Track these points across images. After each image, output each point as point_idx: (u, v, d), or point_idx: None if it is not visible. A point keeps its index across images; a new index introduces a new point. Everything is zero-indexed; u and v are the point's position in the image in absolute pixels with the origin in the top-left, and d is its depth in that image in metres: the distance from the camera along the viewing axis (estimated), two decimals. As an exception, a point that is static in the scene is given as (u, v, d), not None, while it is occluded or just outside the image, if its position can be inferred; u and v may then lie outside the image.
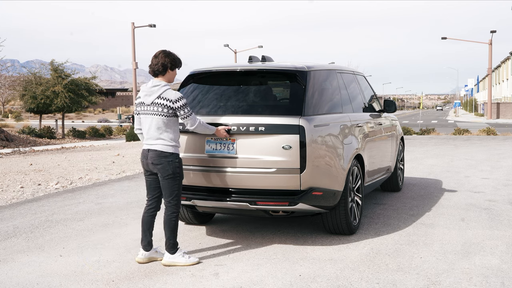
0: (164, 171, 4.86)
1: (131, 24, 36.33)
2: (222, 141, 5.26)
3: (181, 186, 4.98)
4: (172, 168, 4.85)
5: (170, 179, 4.88)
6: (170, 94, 4.81)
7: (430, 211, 7.02)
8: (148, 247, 5.05)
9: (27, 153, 17.11)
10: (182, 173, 4.97)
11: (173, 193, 4.92)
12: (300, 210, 5.29)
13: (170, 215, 4.93)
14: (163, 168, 4.85)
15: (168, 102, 4.80)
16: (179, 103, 4.80)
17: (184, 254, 4.94)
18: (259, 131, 5.12)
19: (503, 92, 73.98)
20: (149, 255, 5.06)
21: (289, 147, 5.06)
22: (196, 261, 4.95)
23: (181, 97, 4.83)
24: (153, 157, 4.87)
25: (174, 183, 4.90)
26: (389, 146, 7.66)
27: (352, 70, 7.25)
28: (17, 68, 35.29)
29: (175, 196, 4.93)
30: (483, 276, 4.53)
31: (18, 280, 4.63)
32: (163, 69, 4.89)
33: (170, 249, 4.92)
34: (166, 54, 4.93)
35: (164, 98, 4.81)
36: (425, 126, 28.46)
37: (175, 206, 4.94)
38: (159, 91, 4.83)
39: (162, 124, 4.84)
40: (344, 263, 4.91)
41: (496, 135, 21.78)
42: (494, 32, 45.28)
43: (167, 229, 4.93)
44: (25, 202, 8.18)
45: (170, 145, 4.85)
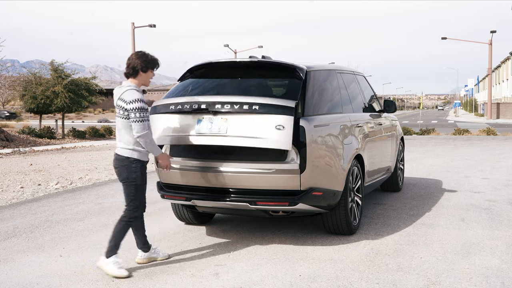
0: (119, 175, 4.73)
1: (131, 24, 36.32)
2: (213, 119, 5.12)
3: (140, 193, 4.73)
4: (127, 173, 4.65)
5: (126, 184, 4.70)
6: (127, 95, 4.60)
7: (430, 211, 7.02)
8: (145, 248, 4.99)
9: (27, 153, 17.11)
10: (141, 179, 4.71)
11: (129, 199, 4.72)
12: (300, 210, 5.29)
13: (122, 218, 4.74)
14: (118, 172, 4.72)
15: (123, 103, 4.61)
16: (132, 105, 4.55)
17: (116, 263, 4.65)
18: (253, 109, 4.97)
19: (503, 92, 73.98)
20: (148, 255, 5.03)
21: (282, 127, 4.91)
22: (125, 274, 4.62)
23: (137, 99, 4.57)
24: (114, 160, 4.77)
25: (130, 189, 4.69)
26: (389, 146, 7.66)
27: (352, 70, 7.25)
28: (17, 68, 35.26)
29: (131, 202, 4.72)
30: (483, 276, 4.53)
31: (18, 280, 4.63)
32: (133, 71, 4.70)
33: (107, 252, 4.69)
34: (138, 55, 4.72)
35: (122, 99, 4.63)
36: (425, 126, 28.46)
37: (131, 212, 4.72)
38: (120, 92, 4.67)
39: (121, 127, 4.67)
40: (344, 263, 4.91)
41: (496, 135, 21.78)
42: (494, 32, 45.28)
43: (113, 230, 4.73)
44: (25, 202, 8.18)
45: (127, 149, 4.66)
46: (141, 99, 4.61)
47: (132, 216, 4.75)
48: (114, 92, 4.77)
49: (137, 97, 4.59)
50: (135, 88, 4.68)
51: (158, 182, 5.83)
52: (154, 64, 4.79)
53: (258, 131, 4.97)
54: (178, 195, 5.54)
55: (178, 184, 5.60)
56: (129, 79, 4.76)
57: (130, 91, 4.63)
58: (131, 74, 4.74)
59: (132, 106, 4.56)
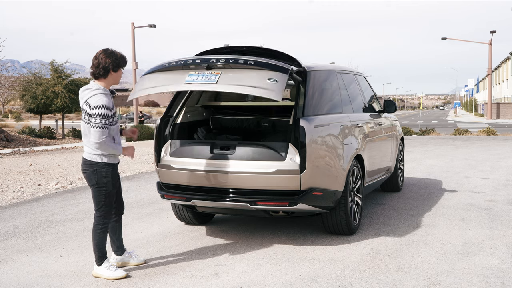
0: (88, 180, 4.61)
1: (131, 24, 36.32)
2: (205, 73, 4.99)
3: (110, 198, 4.62)
4: (97, 178, 4.54)
5: (95, 189, 4.59)
6: (93, 100, 4.37)
7: (430, 211, 7.02)
8: (118, 251, 4.89)
9: (27, 153, 17.10)
10: (112, 184, 4.61)
11: (99, 203, 4.59)
12: (300, 210, 5.29)
13: (95, 226, 4.61)
14: (87, 177, 4.60)
15: (88, 108, 4.40)
16: (95, 110, 4.33)
17: (110, 267, 4.61)
18: (248, 64, 4.91)
19: (503, 92, 73.97)
20: (122, 259, 4.91)
21: (275, 81, 4.82)
22: (123, 275, 4.60)
23: (103, 106, 4.34)
24: (81, 164, 4.67)
25: (100, 194, 4.58)
26: (389, 146, 7.66)
27: (352, 70, 7.25)
28: (17, 68, 35.25)
29: (101, 207, 4.59)
30: (483, 276, 4.53)
31: (18, 280, 4.63)
32: (104, 72, 4.44)
33: (96, 260, 4.64)
34: (107, 54, 4.45)
35: (88, 103, 4.41)
36: (425, 126, 28.46)
37: (101, 218, 4.60)
38: (87, 96, 4.44)
39: (88, 131, 4.46)
40: (344, 263, 4.91)
41: (496, 135, 21.78)
42: (494, 32, 45.28)
43: (93, 239, 4.62)
44: (25, 202, 8.18)
45: (95, 154, 4.51)
46: (107, 105, 4.37)
47: (104, 222, 4.63)
48: (80, 94, 4.55)
49: (102, 103, 4.36)
50: (103, 91, 4.44)
51: (158, 182, 5.83)
52: (124, 62, 4.56)
53: (249, 81, 4.85)
54: (178, 195, 5.54)
55: (178, 184, 5.60)
56: (98, 80, 4.50)
57: (98, 95, 4.40)
58: (101, 75, 4.47)
59: (95, 111, 4.34)
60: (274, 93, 4.75)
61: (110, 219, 4.71)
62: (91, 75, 4.52)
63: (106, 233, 4.69)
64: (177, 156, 5.56)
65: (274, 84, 4.79)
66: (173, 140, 5.72)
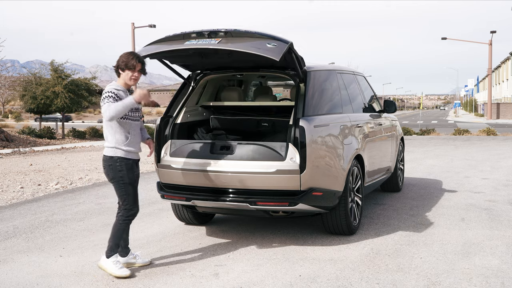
0: (106, 175, 4.72)
1: (131, 25, 36.32)
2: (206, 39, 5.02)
3: (131, 190, 4.68)
4: (113, 172, 4.63)
5: (114, 183, 4.67)
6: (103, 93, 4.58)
7: (430, 211, 7.02)
8: (123, 252, 4.89)
9: (27, 154, 17.11)
10: (128, 177, 4.65)
11: (122, 197, 4.68)
12: (300, 210, 5.29)
13: (119, 217, 4.71)
14: (106, 172, 4.70)
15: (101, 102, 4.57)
16: (103, 96, 4.52)
17: (117, 263, 4.65)
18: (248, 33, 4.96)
19: (503, 93, 73.97)
20: (126, 260, 4.90)
21: (274, 45, 4.84)
22: (127, 274, 4.62)
23: (108, 91, 4.52)
24: (102, 161, 4.77)
25: (119, 187, 4.66)
26: (389, 147, 7.66)
27: (352, 71, 7.25)
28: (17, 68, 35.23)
29: (125, 201, 4.68)
30: (483, 277, 4.53)
31: (18, 280, 4.63)
32: (115, 70, 4.68)
33: (107, 251, 4.69)
34: (122, 55, 4.66)
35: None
36: (425, 127, 28.46)
37: (126, 211, 4.69)
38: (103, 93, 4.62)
39: (104, 127, 4.66)
40: (344, 264, 4.91)
41: (496, 136, 21.78)
42: (494, 32, 45.28)
43: (112, 230, 4.72)
44: (25, 203, 8.18)
45: (110, 148, 4.64)
46: (110, 90, 4.53)
47: (129, 215, 4.71)
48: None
49: (109, 89, 4.55)
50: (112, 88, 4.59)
51: (158, 182, 5.83)
52: (130, 64, 4.59)
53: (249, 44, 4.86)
54: (178, 195, 5.53)
55: (178, 184, 5.60)
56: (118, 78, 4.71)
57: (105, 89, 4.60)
58: (117, 74, 4.71)
59: (102, 97, 4.52)
60: (273, 53, 4.75)
61: (136, 212, 4.75)
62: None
63: (127, 228, 4.76)
64: (177, 156, 5.56)
65: (274, 47, 4.82)
66: (173, 140, 5.72)
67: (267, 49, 4.79)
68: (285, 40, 4.98)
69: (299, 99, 5.39)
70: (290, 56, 5.22)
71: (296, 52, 5.27)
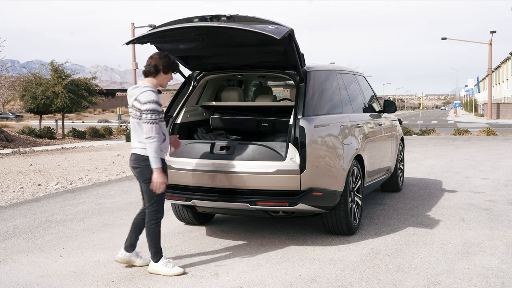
0: (141, 175, 4.66)
1: (131, 25, 36.34)
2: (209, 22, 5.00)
3: (161, 193, 4.66)
4: (149, 173, 4.58)
5: (148, 184, 4.62)
6: (143, 96, 4.52)
7: (430, 211, 7.02)
8: (129, 248, 4.90)
9: (27, 154, 17.11)
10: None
11: (152, 199, 4.65)
12: (300, 210, 5.29)
13: (149, 222, 4.69)
14: (141, 172, 4.65)
15: (138, 104, 4.55)
16: (146, 106, 4.48)
17: (167, 263, 4.70)
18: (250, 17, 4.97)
19: (503, 93, 73.98)
20: (129, 257, 4.91)
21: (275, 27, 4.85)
22: (180, 271, 4.69)
23: (153, 101, 4.49)
24: (133, 160, 4.71)
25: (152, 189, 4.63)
26: (389, 147, 7.66)
27: (352, 71, 7.25)
28: (17, 68, 35.24)
29: (154, 202, 4.66)
30: (483, 277, 4.53)
31: (18, 281, 4.63)
32: (154, 70, 4.65)
33: (152, 257, 4.73)
34: (161, 56, 4.69)
35: (138, 100, 4.56)
36: (425, 127, 28.46)
37: (154, 213, 4.68)
38: (137, 93, 4.59)
39: (138, 128, 4.61)
40: (344, 264, 4.91)
41: (496, 136, 21.77)
42: (494, 32, 45.27)
43: (147, 236, 4.72)
44: (25, 203, 8.18)
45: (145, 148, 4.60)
46: (156, 100, 4.53)
47: (157, 217, 4.70)
48: (128, 92, 4.69)
49: (152, 98, 4.52)
50: (152, 89, 4.59)
51: (158, 182, 5.82)
52: (176, 67, 4.76)
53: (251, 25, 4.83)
54: (178, 195, 5.53)
55: (178, 184, 5.60)
56: (148, 78, 4.69)
57: (147, 92, 4.55)
58: (151, 73, 4.66)
59: (146, 107, 4.49)
60: (274, 33, 4.71)
61: (163, 214, 4.75)
62: (142, 73, 4.70)
63: (160, 228, 4.75)
64: (177, 156, 5.56)
65: (275, 28, 4.82)
66: (173, 140, 5.71)
67: (268, 30, 4.77)
68: (287, 26, 4.97)
69: (299, 99, 5.39)
70: (290, 46, 5.15)
71: (297, 42, 5.20)
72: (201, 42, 5.40)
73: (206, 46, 5.57)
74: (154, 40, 5.40)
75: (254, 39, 5.14)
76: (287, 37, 4.91)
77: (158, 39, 5.38)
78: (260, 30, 4.72)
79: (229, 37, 5.25)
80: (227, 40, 5.37)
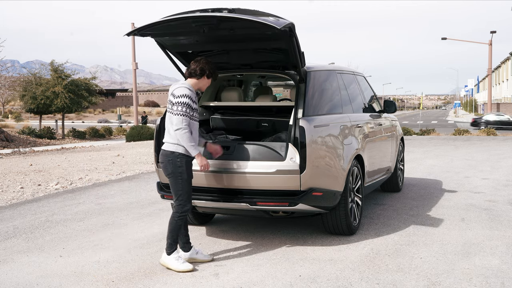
0: (165, 169, 4.86)
1: (131, 25, 36.29)
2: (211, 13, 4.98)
3: (187, 187, 4.81)
4: (173, 167, 4.77)
5: (171, 178, 4.82)
6: (178, 90, 4.76)
7: (430, 211, 7.02)
8: (185, 247, 5.01)
9: (27, 154, 17.11)
10: (186, 173, 4.79)
11: (177, 192, 4.81)
12: (300, 210, 5.29)
13: (174, 214, 4.82)
14: (164, 166, 4.85)
15: (172, 98, 4.78)
16: (179, 99, 4.71)
17: (179, 258, 4.80)
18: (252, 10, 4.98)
19: (503, 93, 74.01)
20: (190, 255, 5.01)
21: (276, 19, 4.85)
22: (190, 268, 4.76)
23: (186, 95, 4.72)
24: (160, 155, 4.92)
25: (176, 183, 4.79)
26: (389, 147, 7.66)
27: (352, 71, 7.25)
28: (17, 68, 35.26)
29: (180, 196, 4.80)
30: (483, 277, 4.53)
31: (18, 281, 4.63)
32: (200, 72, 4.86)
33: (167, 248, 4.84)
34: (207, 62, 4.93)
35: (173, 94, 4.79)
36: (425, 127, 28.47)
37: (180, 207, 4.81)
38: (174, 88, 4.83)
39: (169, 122, 4.82)
40: (344, 264, 4.91)
41: (496, 136, 21.78)
42: (494, 32, 45.26)
43: (169, 226, 4.87)
44: (25, 203, 8.18)
45: (172, 144, 4.78)
46: (190, 95, 4.73)
47: (183, 211, 4.82)
48: (170, 88, 4.92)
49: (186, 92, 4.73)
50: (188, 86, 4.80)
51: (158, 183, 5.83)
52: (216, 74, 5.01)
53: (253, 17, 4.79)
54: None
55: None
56: (190, 79, 4.90)
57: (183, 88, 4.77)
58: (196, 75, 4.87)
59: (178, 100, 4.71)
60: (275, 23, 4.72)
61: (189, 207, 4.87)
62: (186, 74, 4.95)
63: (183, 223, 4.87)
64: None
65: (276, 20, 4.85)
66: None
67: (269, 21, 4.79)
68: (288, 20, 4.97)
69: (299, 99, 5.39)
70: (291, 42, 5.11)
71: (297, 38, 5.16)
72: (202, 36, 5.39)
73: (207, 42, 5.56)
74: (155, 33, 5.40)
75: (255, 32, 5.12)
76: (288, 31, 4.91)
77: (159, 31, 5.37)
78: (261, 21, 4.73)
79: (230, 30, 5.22)
80: (228, 33, 5.30)
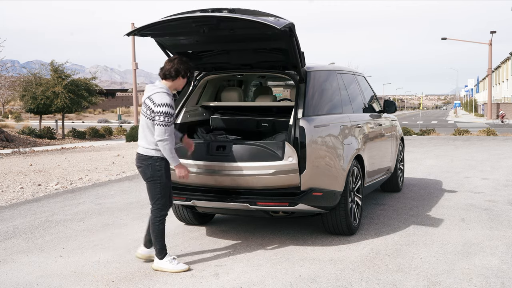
0: (143, 174, 4.80)
1: (131, 25, 36.29)
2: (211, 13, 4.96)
3: (165, 190, 4.79)
4: (151, 171, 4.72)
5: (151, 183, 4.76)
6: (157, 97, 4.65)
7: (430, 211, 7.02)
8: (148, 244, 5.03)
9: (27, 154, 17.11)
10: (165, 177, 4.77)
11: (155, 197, 4.77)
12: (300, 210, 5.29)
13: (153, 220, 4.79)
14: (142, 171, 4.80)
15: (151, 104, 4.66)
16: (160, 108, 4.61)
17: (172, 260, 4.78)
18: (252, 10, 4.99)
19: (503, 93, 73.98)
20: (149, 253, 5.03)
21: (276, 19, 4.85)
22: (185, 268, 4.77)
23: (166, 104, 4.62)
24: (136, 159, 4.85)
25: (155, 187, 4.75)
26: (389, 147, 7.66)
27: (352, 71, 7.25)
28: (17, 68, 35.23)
29: (157, 201, 4.77)
30: (483, 277, 4.53)
31: (18, 281, 4.63)
32: (175, 74, 4.78)
33: (157, 254, 4.81)
34: (182, 61, 4.83)
35: (151, 99, 4.68)
36: (425, 127, 28.46)
37: (158, 211, 4.78)
38: (151, 92, 4.72)
39: (146, 126, 4.73)
40: (344, 264, 4.91)
41: (496, 136, 21.77)
42: (494, 32, 45.28)
43: (152, 234, 4.82)
44: (25, 203, 8.18)
45: (150, 149, 4.71)
46: (170, 104, 4.66)
47: (161, 215, 4.80)
48: (145, 89, 4.83)
49: (166, 101, 4.65)
50: (167, 91, 4.73)
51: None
52: (189, 72, 4.90)
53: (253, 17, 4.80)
54: (178, 196, 5.53)
55: (178, 185, 5.59)
56: (165, 80, 4.81)
57: (162, 93, 4.68)
58: (171, 76, 4.78)
59: (159, 109, 4.61)
60: (275, 23, 4.71)
61: (167, 212, 4.85)
62: (159, 75, 4.84)
63: (164, 225, 4.85)
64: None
65: (276, 20, 4.84)
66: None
67: (269, 21, 4.78)
68: (288, 20, 4.97)
69: (299, 99, 5.39)
70: (291, 42, 5.11)
71: (297, 38, 5.16)
72: (202, 36, 5.39)
73: (207, 42, 5.55)
74: (155, 33, 5.40)
75: (255, 32, 5.12)
76: (288, 31, 4.90)
77: (159, 31, 5.37)
78: (261, 20, 4.73)
79: (230, 30, 5.21)
80: (228, 33, 5.30)
